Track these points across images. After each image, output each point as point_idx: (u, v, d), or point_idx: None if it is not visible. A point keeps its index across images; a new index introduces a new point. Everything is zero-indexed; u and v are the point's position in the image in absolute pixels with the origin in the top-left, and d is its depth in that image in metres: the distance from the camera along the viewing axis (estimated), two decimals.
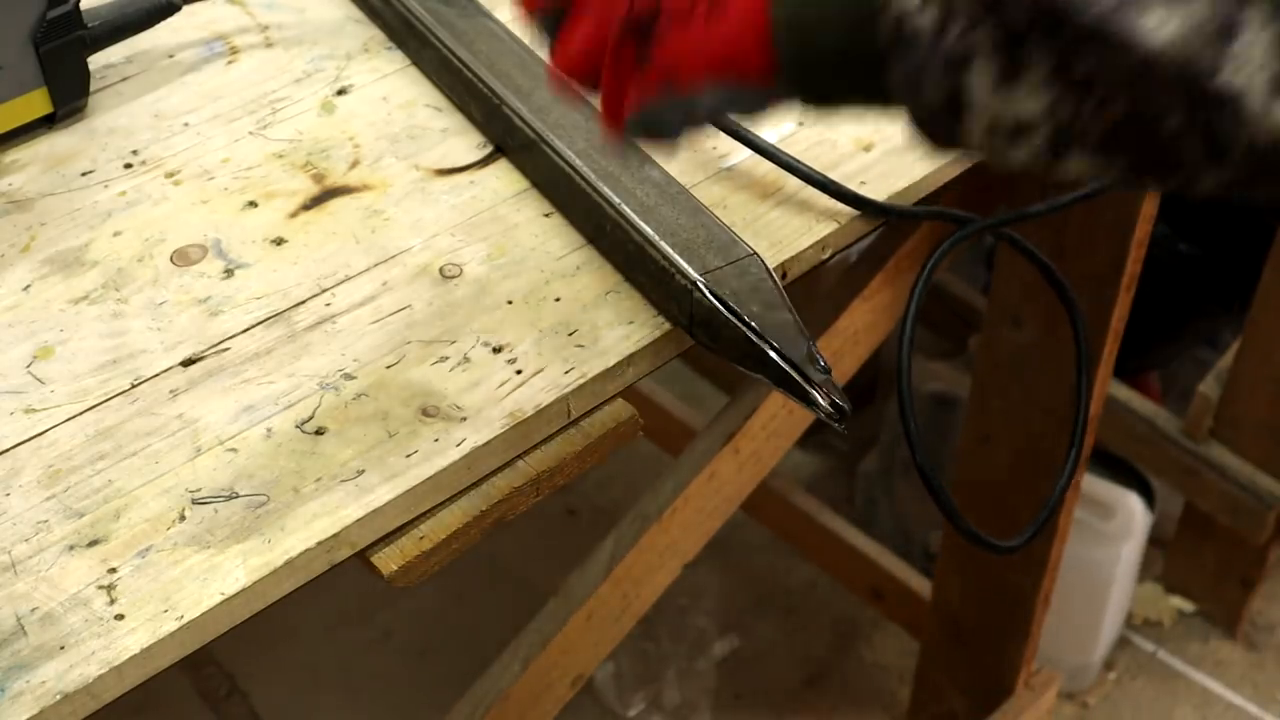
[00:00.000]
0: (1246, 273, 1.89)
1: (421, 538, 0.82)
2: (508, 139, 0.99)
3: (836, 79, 0.57)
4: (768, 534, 1.95)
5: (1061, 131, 0.52)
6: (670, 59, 0.59)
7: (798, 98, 0.58)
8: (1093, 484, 1.88)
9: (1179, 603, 2.10)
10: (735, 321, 0.83)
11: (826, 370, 0.82)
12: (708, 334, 0.86)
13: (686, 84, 0.59)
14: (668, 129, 0.63)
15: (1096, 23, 0.49)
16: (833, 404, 0.82)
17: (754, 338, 0.83)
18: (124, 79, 1.05)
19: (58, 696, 0.72)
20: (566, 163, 0.94)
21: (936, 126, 0.56)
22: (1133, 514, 1.91)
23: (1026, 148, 0.53)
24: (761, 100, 0.59)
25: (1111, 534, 1.91)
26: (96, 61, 1.02)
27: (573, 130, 0.96)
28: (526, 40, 1.04)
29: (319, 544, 0.79)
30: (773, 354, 0.82)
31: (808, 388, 0.82)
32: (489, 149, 1.00)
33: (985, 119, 0.53)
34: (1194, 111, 0.49)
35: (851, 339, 1.33)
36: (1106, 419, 1.85)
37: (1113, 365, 1.43)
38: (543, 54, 0.88)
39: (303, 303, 0.90)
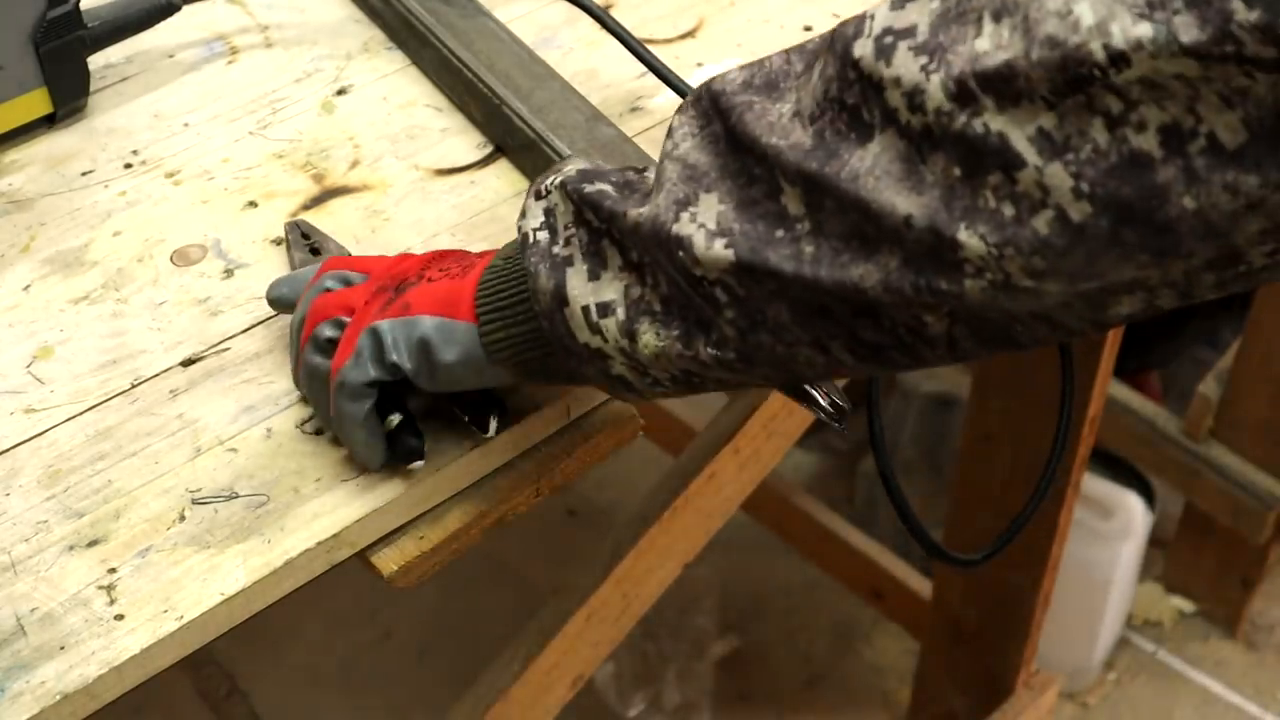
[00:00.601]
0: None
1: (421, 538, 0.82)
2: (508, 139, 0.99)
3: (509, 317, 0.76)
4: (768, 534, 1.95)
5: (633, 306, 0.71)
6: (414, 297, 0.78)
7: (490, 335, 0.76)
8: (1093, 484, 1.88)
9: (1179, 603, 2.10)
10: None
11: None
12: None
13: (415, 310, 0.77)
14: (385, 345, 0.77)
15: (610, 208, 0.71)
16: (832, 404, 0.82)
17: None
18: (124, 79, 1.05)
19: (57, 697, 0.72)
20: None
21: (553, 324, 0.73)
22: (1133, 514, 1.91)
23: (612, 322, 0.71)
24: (466, 337, 0.76)
25: (1111, 534, 1.91)
26: (96, 61, 1.02)
27: (573, 130, 0.96)
28: (526, 41, 1.04)
29: (319, 544, 0.79)
30: None
31: (807, 388, 0.82)
32: (489, 149, 1.00)
33: (580, 305, 0.72)
34: (670, 257, 0.68)
35: None
36: (1106, 419, 1.85)
37: (1113, 365, 1.43)
38: (535, 69, 0.91)
39: None
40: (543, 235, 0.74)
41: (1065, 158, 0.56)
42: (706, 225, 0.66)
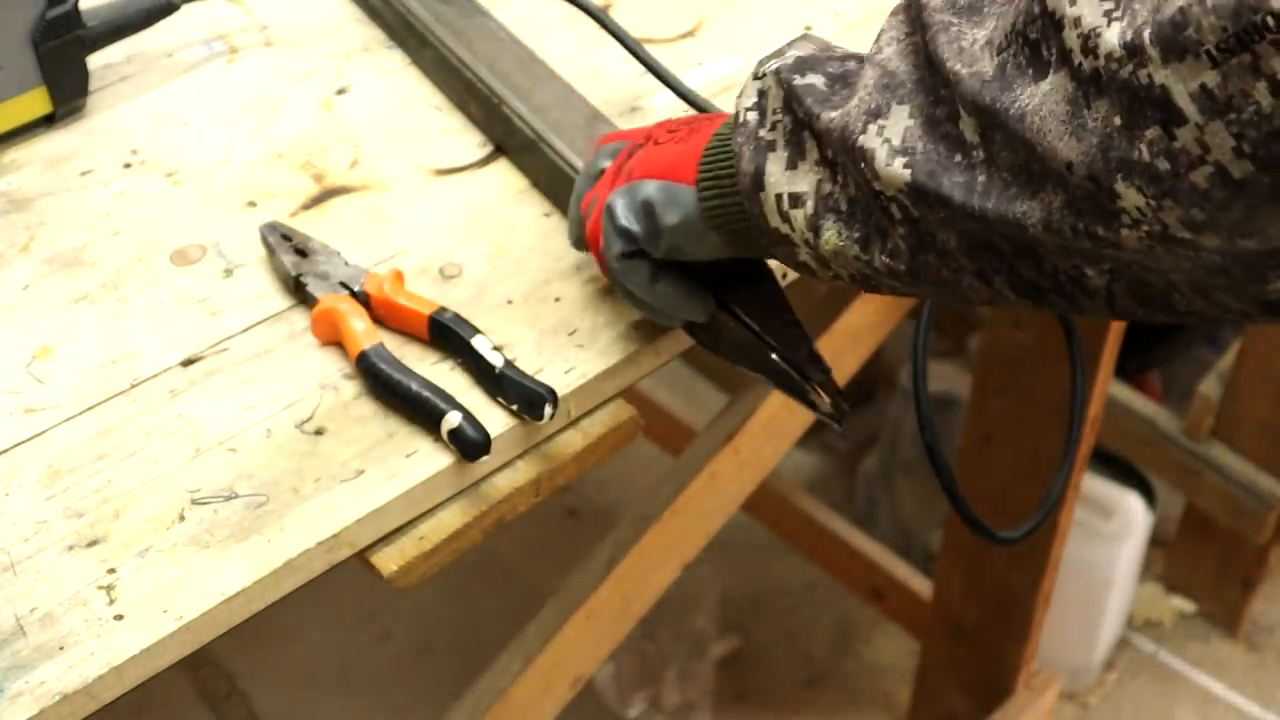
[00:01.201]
0: None
1: (421, 538, 0.82)
2: (507, 139, 0.99)
3: (724, 186, 0.78)
4: (768, 534, 1.95)
5: (821, 201, 0.73)
6: (638, 162, 0.82)
7: (707, 201, 0.79)
8: (1093, 484, 1.88)
9: (1179, 603, 2.10)
10: (735, 323, 0.83)
11: (826, 370, 0.82)
12: (709, 335, 0.86)
13: (639, 176, 0.82)
14: (615, 213, 0.82)
15: (810, 108, 0.73)
16: (833, 404, 0.82)
17: (755, 338, 0.83)
18: (124, 79, 1.05)
19: (57, 697, 0.72)
20: (566, 162, 0.94)
21: (750, 204, 0.76)
22: (1133, 514, 1.91)
23: (800, 214, 0.74)
24: (687, 200, 0.79)
25: (1111, 534, 1.91)
26: (96, 61, 1.02)
27: (572, 130, 0.96)
28: (525, 41, 1.04)
29: (319, 544, 0.79)
30: (773, 355, 0.82)
31: (808, 388, 0.82)
32: (489, 149, 1.00)
33: (774, 192, 0.75)
34: (854, 165, 0.70)
35: (851, 339, 1.33)
36: (1106, 419, 1.85)
37: (1113, 365, 1.43)
38: (534, 69, 0.91)
39: (303, 302, 0.90)
40: (752, 116, 0.76)
41: (1227, 117, 0.55)
42: (891, 141, 0.68)
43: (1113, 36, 0.58)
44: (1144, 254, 0.61)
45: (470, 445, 0.81)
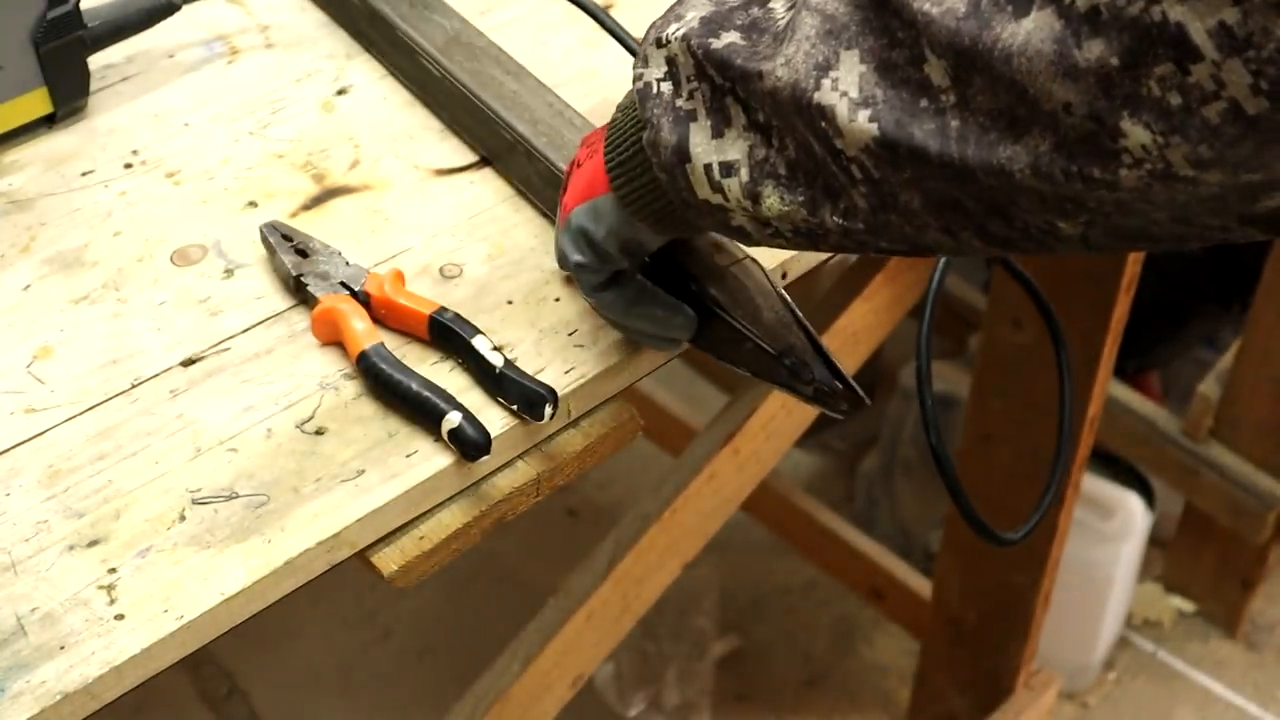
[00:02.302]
0: (1246, 273, 1.89)
1: (421, 538, 0.82)
2: (492, 146, 0.98)
3: (635, 167, 0.76)
4: (768, 534, 1.95)
5: (756, 167, 0.70)
6: (568, 194, 0.81)
7: (623, 192, 0.77)
8: (1093, 484, 1.88)
9: (1179, 603, 2.10)
10: (726, 318, 0.82)
11: (827, 361, 0.81)
12: (699, 333, 0.85)
13: (569, 208, 0.81)
14: (562, 253, 0.82)
15: (744, 65, 0.68)
16: (844, 391, 0.81)
17: (734, 324, 0.82)
18: (124, 79, 1.05)
19: (58, 696, 0.72)
20: (550, 166, 0.93)
21: (671, 178, 0.73)
22: (1133, 514, 1.91)
23: (734, 183, 0.70)
24: (607, 206, 0.78)
25: (1111, 534, 1.91)
26: (96, 61, 1.02)
27: (552, 134, 0.95)
28: (525, 41, 1.04)
29: (319, 544, 0.79)
30: (760, 346, 0.81)
31: (799, 379, 0.81)
32: (480, 154, 1.00)
33: (702, 163, 0.71)
34: (812, 124, 0.66)
35: (851, 339, 1.33)
36: (1106, 419, 1.85)
37: (1113, 365, 1.43)
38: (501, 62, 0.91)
39: (303, 302, 0.90)
40: (666, 86, 0.72)
41: (1245, 54, 0.53)
42: (849, 93, 0.64)
43: None
44: (1139, 193, 0.59)
45: (470, 445, 0.81)
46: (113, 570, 0.77)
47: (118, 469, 0.81)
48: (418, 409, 0.82)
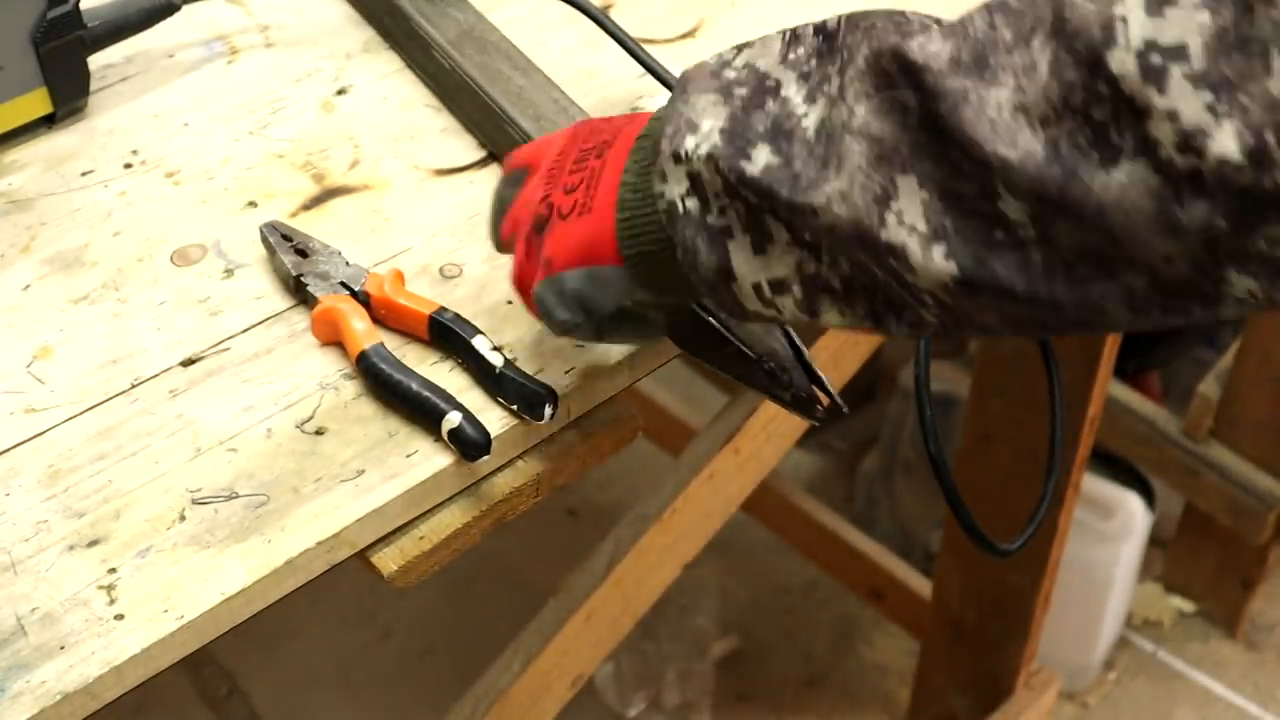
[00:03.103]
0: None
1: (421, 538, 0.82)
2: (500, 143, 0.98)
3: (659, 262, 0.72)
4: (768, 534, 1.95)
5: (808, 284, 0.66)
6: (552, 248, 0.75)
7: (642, 276, 0.73)
8: (1093, 484, 1.88)
9: (1179, 603, 2.10)
10: (709, 321, 0.82)
11: (808, 369, 0.81)
12: (679, 333, 0.85)
13: (558, 266, 0.75)
14: (548, 308, 0.77)
15: (791, 198, 0.64)
16: (808, 395, 0.81)
17: (716, 327, 0.82)
18: (124, 79, 1.05)
19: (58, 696, 0.72)
20: None
21: (715, 295, 0.69)
22: (1133, 514, 1.91)
23: (788, 300, 0.67)
24: (617, 279, 0.73)
25: (1111, 534, 1.91)
26: (96, 61, 1.02)
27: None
28: (525, 40, 1.04)
29: (319, 544, 0.79)
30: (741, 348, 0.81)
31: (778, 384, 0.81)
32: (488, 149, 1.00)
33: (750, 282, 0.67)
34: (880, 260, 0.61)
35: (851, 339, 1.33)
36: (1106, 419, 1.85)
37: (1113, 365, 1.43)
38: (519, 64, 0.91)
39: (303, 302, 0.90)
40: (692, 204, 0.67)
41: None
42: (918, 228, 0.59)
43: (1228, 141, 0.52)
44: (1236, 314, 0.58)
45: (470, 445, 0.81)
46: (113, 570, 0.77)
47: (118, 469, 0.81)
48: (418, 409, 0.82)
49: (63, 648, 0.73)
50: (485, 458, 0.81)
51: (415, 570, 0.82)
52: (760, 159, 0.65)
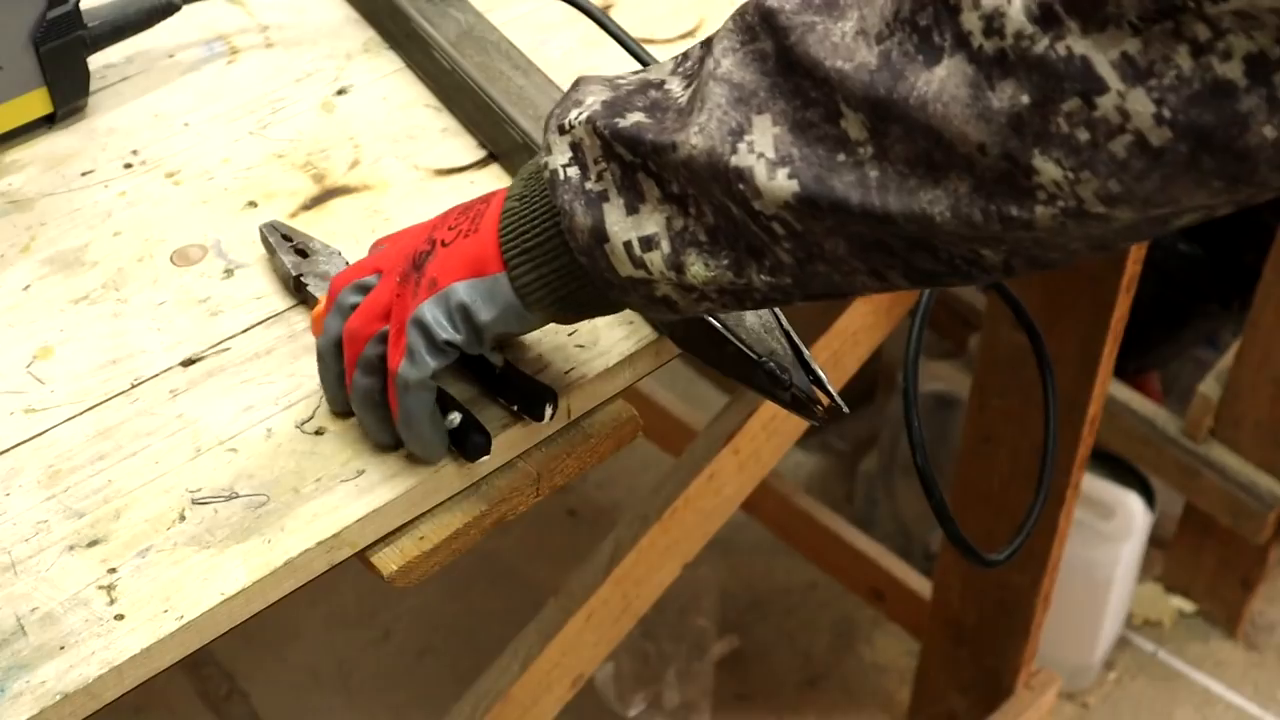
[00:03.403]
0: (1246, 272, 1.89)
1: (421, 538, 0.82)
2: (499, 142, 0.98)
3: (539, 255, 0.75)
4: (768, 534, 1.95)
5: (676, 238, 0.70)
6: (437, 269, 0.76)
7: (523, 280, 0.75)
8: (1093, 484, 1.88)
9: (1179, 603, 2.10)
10: (710, 320, 0.82)
11: (808, 369, 0.81)
12: (677, 330, 0.86)
13: (444, 282, 0.76)
14: (426, 326, 0.76)
15: (656, 139, 0.69)
16: (807, 395, 0.81)
17: (716, 327, 0.82)
18: (124, 79, 1.05)
19: (58, 696, 0.72)
20: None
21: (591, 260, 0.72)
22: (1133, 514, 1.91)
23: (656, 255, 0.70)
24: (501, 288, 0.75)
25: (1111, 534, 1.91)
26: (96, 61, 1.02)
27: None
28: (524, 40, 1.04)
29: (319, 544, 0.79)
30: (740, 346, 0.81)
31: (771, 387, 0.81)
32: (488, 150, 1.00)
33: (621, 240, 0.71)
34: (729, 189, 0.66)
35: (851, 339, 1.33)
36: (1106, 419, 1.85)
37: (1113, 365, 1.43)
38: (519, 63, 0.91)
39: (303, 303, 0.90)
40: (573, 171, 0.72)
41: (1148, 84, 0.55)
42: (765, 154, 0.65)
43: (1018, 14, 0.57)
44: (1055, 231, 0.61)
45: (471, 445, 0.81)
46: (113, 570, 0.77)
47: (118, 469, 0.81)
48: None
49: (63, 648, 0.74)
50: (486, 458, 0.81)
51: (415, 570, 0.82)
52: (633, 118, 0.70)
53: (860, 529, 1.88)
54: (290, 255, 0.90)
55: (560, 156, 0.73)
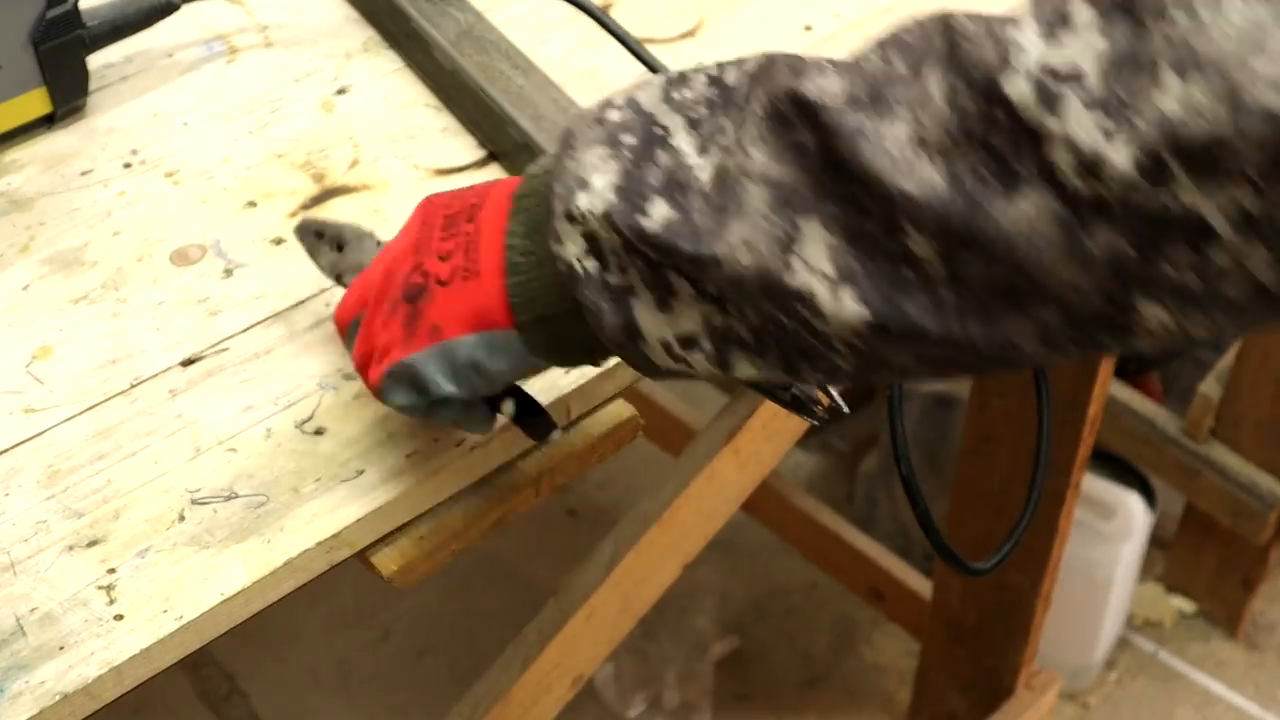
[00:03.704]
0: None
1: (421, 538, 0.82)
2: (500, 142, 0.98)
3: (559, 325, 0.69)
4: (768, 534, 1.95)
5: (717, 337, 0.64)
6: (438, 314, 0.71)
7: (539, 341, 0.70)
8: (1093, 484, 1.88)
9: (1179, 603, 2.10)
10: None
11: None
12: None
13: (450, 333, 0.71)
14: (427, 378, 0.72)
15: (694, 251, 0.61)
16: (807, 395, 0.81)
17: None
18: (124, 79, 1.05)
19: (57, 697, 0.72)
20: None
21: (625, 354, 0.67)
22: (1133, 514, 1.91)
23: (699, 356, 0.65)
24: (514, 345, 0.70)
25: (1111, 534, 1.91)
26: (96, 61, 1.02)
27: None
28: (524, 40, 1.04)
29: (319, 544, 0.79)
30: None
31: (771, 387, 0.81)
32: (488, 149, 1.00)
33: (658, 339, 0.65)
34: (787, 308, 0.60)
35: None
36: (1106, 419, 1.85)
37: (1113, 365, 1.43)
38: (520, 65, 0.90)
39: (303, 302, 0.90)
40: (590, 265, 0.65)
41: (1268, 240, 0.52)
42: (824, 272, 0.58)
43: (1125, 163, 0.52)
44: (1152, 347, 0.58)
45: (537, 428, 0.79)
46: (112, 570, 0.77)
47: (117, 469, 0.81)
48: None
49: (62, 648, 0.73)
50: (557, 432, 0.79)
51: (415, 570, 0.81)
52: (658, 214, 0.63)
53: (860, 529, 1.88)
54: (329, 254, 0.87)
55: (573, 247, 0.66)
